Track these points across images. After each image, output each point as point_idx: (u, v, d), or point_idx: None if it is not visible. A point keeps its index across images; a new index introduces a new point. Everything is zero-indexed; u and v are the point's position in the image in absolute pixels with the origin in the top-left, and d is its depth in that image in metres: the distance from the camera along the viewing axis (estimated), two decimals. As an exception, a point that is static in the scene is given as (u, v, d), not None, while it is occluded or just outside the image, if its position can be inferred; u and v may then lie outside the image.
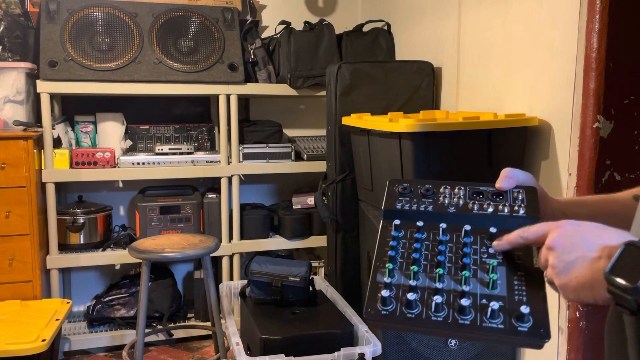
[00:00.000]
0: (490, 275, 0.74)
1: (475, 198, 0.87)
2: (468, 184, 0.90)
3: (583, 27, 1.73)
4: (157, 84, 2.77)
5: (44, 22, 2.67)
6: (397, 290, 0.74)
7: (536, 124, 1.94)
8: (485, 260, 0.78)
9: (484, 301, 0.71)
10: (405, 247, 0.80)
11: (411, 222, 0.84)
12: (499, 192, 0.88)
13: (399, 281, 0.75)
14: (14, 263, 2.55)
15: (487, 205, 0.85)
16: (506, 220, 0.83)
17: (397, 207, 0.86)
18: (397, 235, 0.82)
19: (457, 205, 0.86)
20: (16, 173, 2.52)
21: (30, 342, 2.18)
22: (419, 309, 0.71)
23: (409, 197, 0.88)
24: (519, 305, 0.70)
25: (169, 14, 2.86)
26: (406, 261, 0.78)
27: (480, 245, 0.80)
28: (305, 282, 2.28)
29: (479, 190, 0.89)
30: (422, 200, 0.87)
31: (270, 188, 3.47)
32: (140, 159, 2.84)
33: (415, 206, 0.86)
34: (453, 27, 2.47)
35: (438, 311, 0.70)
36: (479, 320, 0.69)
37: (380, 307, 0.72)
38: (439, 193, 0.88)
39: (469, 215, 0.84)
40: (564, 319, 1.81)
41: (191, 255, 2.29)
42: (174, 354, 2.86)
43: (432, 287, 0.74)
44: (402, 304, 0.72)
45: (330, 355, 1.96)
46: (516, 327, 0.68)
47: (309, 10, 3.42)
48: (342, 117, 2.42)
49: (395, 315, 0.71)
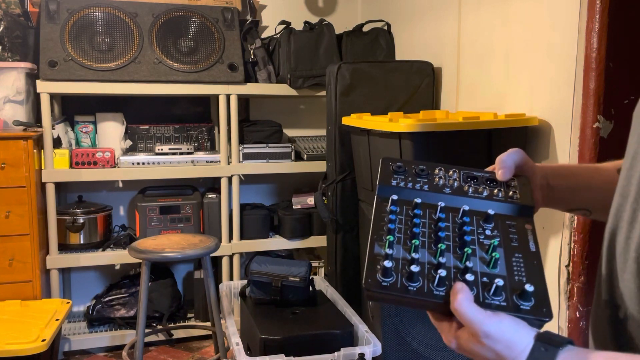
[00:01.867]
0: (493, 254, 0.73)
1: (469, 182, 0.87)
2: (462, 168, 0.90)
3: (583, 27, 1.72)
4: (157, 84, 2.77)
5: (43, 22, 2.67)
6: (397, 262, 0.72)
7: (536, 124, 1.94)
8: (482, 241, 0.77)
9: (485, 279, 0.70)
10: (404, 223, 0.79)
11: (407, 200, 0.83)
12: (492, 177, 0.87)
13: (398, 254, 0.73)
14: (14, 263, 2.55)
15: (482, 189, 0.85)
16: (501, 204, 0.83)
17: (393, 183, 0.85)
18: (395, 209, 0.80)
19: (452, 187, 0.85)
20: (16, 173, 2.52)
21: (30, 342, 2.18)
22: (420, 283, 0.69)
23: (403, 176, 0.86)
24: (522, 284, 0.69)
25: (169, 14, 2.85)
26: (405, 235, 0.76)
27: (476, 227, 0.79)
28: (305, 282, 2.28)
29: (473, 175, 0.88)
30: (417, 179, 0.86)
31: (270, 188, 3.47)
32: (140, 159, 2.84)
33: (410, 184, 0.84)
34: (453, 27, 2.47)
35: (440, 285, 0.68)
36: (481, 296, 0.68)
37: (381, 278, 0.69)
38: (434, 174, 0.87)
39: (465, 197, 0.83)
40: (564, 319, 1.81)
41: (191, 255, 2.28)
42: (173, 354, 2.86)
43: (434, 261, 0.72)
44: (404, 276, 0.70)
45: (330, 355, 1.96)
46: (519, 305, 0.67)
47: (309, 10, 3.42)
48: (342, 117, 2.42)
49: (396, 287, 0.69)
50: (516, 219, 0.82)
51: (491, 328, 0.63)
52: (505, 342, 0.63)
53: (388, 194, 0.83)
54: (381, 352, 1.99)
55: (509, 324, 0.64)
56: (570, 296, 1.80)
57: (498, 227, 0.80)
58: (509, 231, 0.80)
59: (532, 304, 0.67)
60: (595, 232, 1.74)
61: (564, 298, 1.82)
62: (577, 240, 1.77)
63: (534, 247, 0.77)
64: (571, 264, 1.79)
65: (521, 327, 0.64)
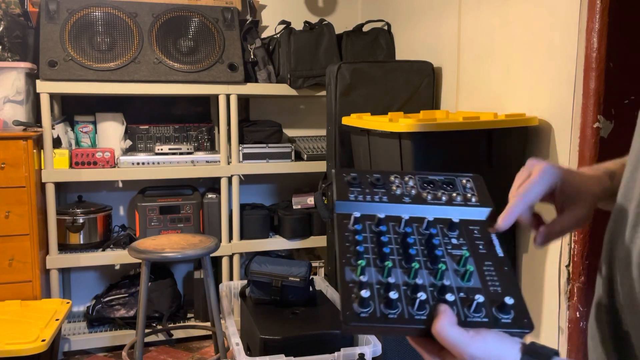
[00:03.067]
0: (467, 267, 0.71)
1: (426, 188, 0.84)
2: (417, 173, 0.87)
3: (583, 27, 1.72)
4: (157, 83, 2.77)
5: (43, 22, 2.67)
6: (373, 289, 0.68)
7: (536, 124, 1.93)
8: (451, 252, 0.75)
9: (462, 294, 0.69)
10: (373, 241, 0.75)
11: (369, 215, 0.79)
12: (448, 181, 0.85)
13: (372, 278, 0.70)
14: (14, 263, 2.55)
15: (440, 195, 0.83)
16: (462, 209, 0.81)
17: (351, 198, 0.81)
18: (359, 228, 0.77)
19: (411, 195, 0.82)
20: (16, 173, 2.52)
21: (30, 342, 2.18)
22: (399, 309, 0.66)
23: (360, 188, 0.83)
24: (501, 297, 0.68)
25: (168, 13, 2.85)
26: (375, 256, 0.73)
27: (442, 236, 0.77)
28: (305, 282, 2.27)
29: (429, 179, 0.86)
30: (374, 190, 0.82)
31: (270, 188, 3.47)
32: (140, 159, 2.84)
33: (369, 197, 0.81)
34: (453, 27, 2.47)
35: (421, 309, 0.66)
36: (462, 315, 0.66)
37: (359, 309, 0.66)
38: (390, 182, 0.84)
39: (425, 205, 0.81)
40: (564, 319, 1.81)
41: (191, 255, 2.28)
42: (173, 354, 2.86)
43: (410, 282, 0.70)
44: (381, 302, 0.67)
45: (330, 356, 1.96)
46: (499, 319, 0.66)
47: (309, 10, 3.42)
48: (342, 117, 2.42)
49: (375, 317, 0.65)
50: (478, 222, 0.80)
51: (475, 350, 0.62)
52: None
53: (348, 210, 0.80)
54: (381, 352, 1.99)
55: (493, 342, 0.63)
56: (570, 296, 1.80)
57: (463, 234, 0.78)
58: (473, 237, 0.78)
59: (513, 316, 0.66)
60: (595, 232, 1.74)
61: (564, 298, 1.82)
62: (578, 240, 1.77)
63: (501, 252, 0.76)
64: (571, 264, 1.79)
65: (506, 342, 0.64)
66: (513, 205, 0.75)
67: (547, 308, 1.91)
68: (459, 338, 0.62)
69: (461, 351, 0.62)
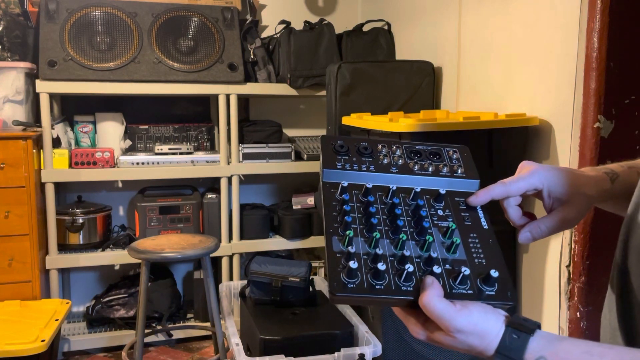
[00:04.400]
0: (453, 238, 0.71)
1: (413, 158, 0.84)
2: (404, 143, 0.87)
3: (584, 27, 1.72)
4: (156, 83, 2.77)
5: (43, 21, 2.67)
6: (360, 260, 0.68)
7: (537, 124, 1.93)
8: (438, 223, 0.75)
9: (448, 266, 0.69)
10: (360, 212, 0.75)
11: (357, 184, 0.79)
12: (435, 151, 0.85)
13: (359, 249, 0.70)
14: (14, 263, 2.55)
15: (427, 165, 0.82)
16: (448, 180, 0.80)
17: (338, 166, 0.80)
18: (347, 198, 0.77)
19: (398, 165, 0.82)
20: (15, 173, 2.51)
21: (29, 342, 2.18)
22: (386, 280, 0.66)
23: (347, 156, 0.82)
24: (486, 269, 0.68)
25: (168, 13, 2.85)
26: (362, 225, 0.73)
27: (429, 208, 0.77)
28: (305, 283, 2.27)
29: (416, 149, 0.85)
30: (361, 159, 0.82)
31: (270, 188, 3.46)
32: (139, 159, 2.84)
33: (356, 165, 0.81)
34: (453, 27, 2.47)
35: (407, 280, 0.67)
36: (448, 287, 0.67)
37: (346, 279, 0.66)
38: (377, 151, 0.84)
39: (412, 175, 0.81)
40: (565, 319, 1.81)
41: (191, 255, 2.28)
42: (173, 355, 2.86)
43: (397, 253, 0.70)
44: (369, 273, 0.67)
45: (330, 356, 1.96)
46: (484, 291, 0.67)
47: (309, 10, 3.41)
48: (342, 117, 2.42)
49: (363, 287, 0.66)
50: (464, 194, 0.80)
51: (462, 323, 0.63)
52: (477, 333, 0.64)
53: (335, 179, 0.79)
54: (381, 352, 1.98)
55: (478, 314, 0.64)
56: (570, 296, 1.79)
57: (449, 205, 0.78)
58: (459, 209, 0.78)
59: (496, 288, 0.67)
60: (596, 232, 1.74)
61: (565, 298, 1.82)
62: (578, 241, 1.76)
63: (486, 224, 0.76)
64: (572, 264, 1.79)
65: (490, 314, 0.65)
66: (491, 187, 0.78)
67: (547, 308, 1.91)
68: (446, 311, 0.63)
69: (447, 324, 0.63)
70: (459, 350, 0.66)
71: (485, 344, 0.64)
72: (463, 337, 0.64)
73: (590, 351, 0.60)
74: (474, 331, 0.64)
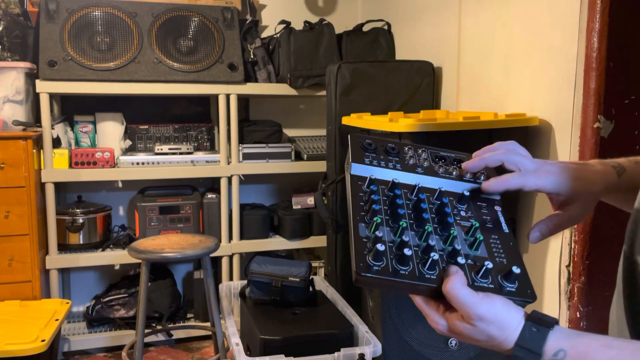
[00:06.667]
0: (476, 236, 0.74)
1: (438, 162, 0.87)
2: (430, 148, 0.90)
3: (583, 27, 1.72)
4: (156, 83, 2.77)
5: (43, 21, 2.67)
6: (386, 245, 0.70)
7: (537, 124, 1.93)
8: (460, 222, 0.77)
9: (470, 261, 0.71)
10: (386, 204, 0.77)
11: (383, 180, 0.82)
12: (459, 158, 0.88)
13: (386, 236, 0.72)
14: (14, 263, 2.55)
15: (452, 170, 0.85)
16: (471, 186, 0.83)
17: (366, 162, 0.83)
18: (375, 189, 0.79)
19: (423, 167, 0.85)
20: (15, 173, 2.51)
21: (29, 342, 2.18)
22: (411, 266, 0.68)
23: (375, 154, 0.85)
24: (506, 266, 0.70)
25: (168, 13, 2.85)
26: (389, 217, 0.75)
27: (452, 208, 0.80)
28: (305, 283, 2.27)
29: (441, 154, 0.89)
30: (388, 158, 0.85)
31: (270, 188, 3.46)
32: (139, 158, 2.84)
33: (383, 163, 0.84)
34: (453, 27, 2.47)
35: (431, 268, 0.68)
36: (470, 279, 0.68)
37: (372, 262, 0.68)
38: (404, 153, 0.87)
39: (436, 177, 0.84)
40: (565, 320, 1.81)
41: (191, 255, 2.28)
42: (173, 355, 2.86)
43: (422, 244, 0.72)
44: (395, 259, 0.68)
45: (330, 356, 1.96)
46: (504, 287, 0.68)
47: (309, 10, 3.41)
48: (342, 117, 2.42)
49: (387, 271, 0.67)
50: (486, 200, 0.83)
51: (484, 311, 0.64)
52: (498, 323, 0.65)
53: (363, 173, 0.82)
54: (381, 352, 1.98)
55: (501, 305, 0.65)
56: (570, 296, 1.79)
57: (471, 208, 0.81)
58: (481, 212, 0.80)
59: (517, 285, 0.69)
60: (596, 232, 1.74)
61: (565, 298, 1.82)
62: (578, 240, 1.76)
63: (507, 228, 0.78)
64: (572, 264, 1.79)
65: (511, 307, 0.66)
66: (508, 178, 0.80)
67: (547, 308, 1.91)
68: (469, 298, 0.64)
69: (470, 311, 0.64)
70: (478, 342, 0.66)
71: (505, 335, 0.64)
72: (484, 325, 0.64)
73: (610, 345, 0.61)
74: (495, 320, 0.64)
